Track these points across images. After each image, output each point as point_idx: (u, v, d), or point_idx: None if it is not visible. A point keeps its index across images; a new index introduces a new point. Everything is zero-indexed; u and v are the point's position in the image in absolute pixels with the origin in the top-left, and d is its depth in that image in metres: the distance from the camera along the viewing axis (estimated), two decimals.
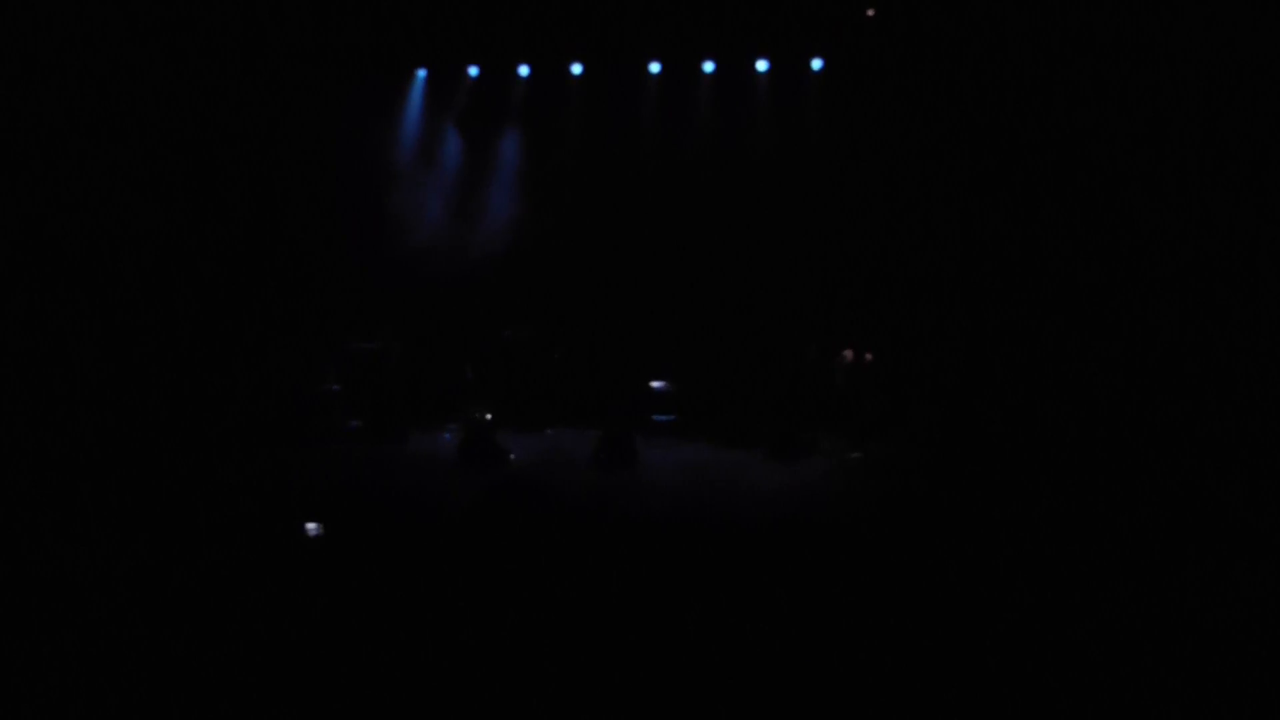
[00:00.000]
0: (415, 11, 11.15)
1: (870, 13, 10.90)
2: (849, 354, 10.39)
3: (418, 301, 12.12)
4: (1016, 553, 6.00)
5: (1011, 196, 10.74)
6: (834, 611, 4.82)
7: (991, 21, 10.31)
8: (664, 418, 10.96)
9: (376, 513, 7.08)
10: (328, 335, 11.45)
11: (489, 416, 10.28)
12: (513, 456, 9.38)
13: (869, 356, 10.19)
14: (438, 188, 12.56)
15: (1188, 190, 9.36)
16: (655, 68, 12.22)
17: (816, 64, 11.92)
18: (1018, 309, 10.55)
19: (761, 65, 12.02)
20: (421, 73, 12.59)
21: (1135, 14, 9.48)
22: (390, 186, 12.55)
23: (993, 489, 8.07)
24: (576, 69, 12.31)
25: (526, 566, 5.46)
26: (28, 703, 3.71)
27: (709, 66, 12.14)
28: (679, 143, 12.32)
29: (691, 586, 5.17)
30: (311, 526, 5.99)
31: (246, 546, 5.84)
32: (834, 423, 10.45)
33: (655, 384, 11.18)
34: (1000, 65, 10.64)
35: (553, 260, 12.36)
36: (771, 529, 6.82)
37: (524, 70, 12.43)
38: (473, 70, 12.51)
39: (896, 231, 11.57)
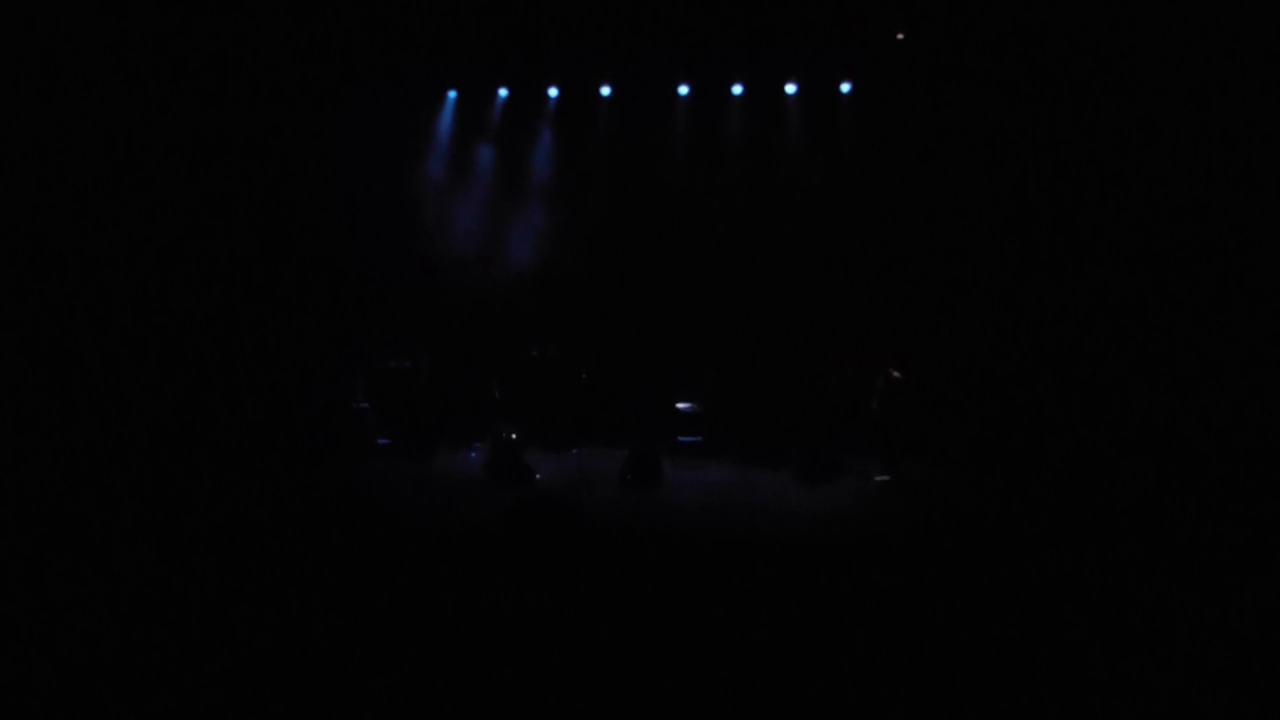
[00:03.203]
0: (448, 31, 11.40)
1: (899, 36, 11.04)
2: (878, 374, 10.42)
3: (447, 319, 12.32)
4: (1052, 579, 6.03)
5: (1043, 215, 10.77)
6: (859, 634, 4.89)
7: (1020, 43, 10.40)
8: (690, 438, 11.07)
9: (402, 529, 7.24)
10: (357, 352, 11.71)
11: (514, 435, 10.42)
12: (538, 476, 9.56)
13: (897, 375, 10.21)
14: (468, 207, 12.78)
15: (1235, 208, 9.31)
16: (684, 90, 12.45)
17: (845, 87, 12.12)
18: (1053, 327, 10.55)
19: (790, 88, 12.23)
20: (452, 94, 12.91)
21: (1170, 33, 9.51)
22: (421, 204, 12.78)
23: (1027, 512, 8.08)
24: (606, 90, 12.58)
25: (551, 584, 5.57)
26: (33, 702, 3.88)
27: (738, 89, 12.37)
28: (708, 164, 12.44)
29: (715, 606, 5.26)
30: None
31: (272, 561, 6.02)
32: (864, 443, 10.51)
33: (682, 405, 11.28)
34: (1029, 85, 10.71)
35: (581, 280, 12.52)
36: (796, 550, 6.89)
37: (554, 92, 12.70)
38: (503, 92, 12.82)
39: (926, 251, 11.65)
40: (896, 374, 10.25)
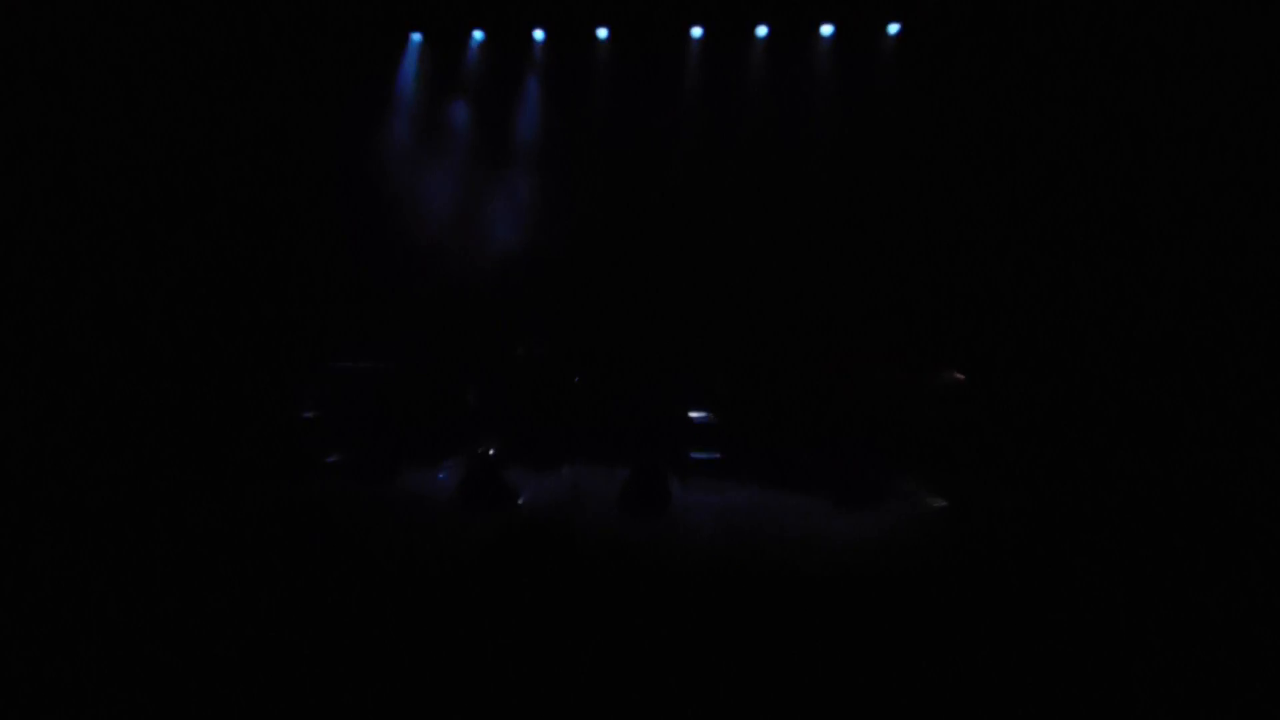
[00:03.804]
0: None
1: None
2: (935, 375, 10.38)
3: (412, 312, 12.20)
4: (1144, 619, 5.98)
5: (1132, 192, 10.63)
6: (909, 691, 4.87)
7: None
8: (704, 455, 11.03)
9: (358, 563, 7.23)
10: (304, 352, 11.63)
11: (493, 450, 10.43)
12: (522, 499, 9.48)
13: (959, 376, 10.16)
14: (437, 177, 12.71)
15: None
16: (697, 32, 12.31)
17: (893, 28, 11.92)
18: (1140, 321, 10.43)
19: (826, 29, 12.04)
20: (416, 37, 12.75)
21: None
22: (381, 173, 12.69)
23: (1115, 544, 8.02)
24: (602, 33, 12.39)
25: (538, 626, 5.56)
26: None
27: (762, 31, 12.18)
28: (725, 124, 12.18)
29: (734, 654, 5.25)
30: None
31: (201, 604, 6.01)
32: (917, 460, 10.42)
33: (694, 413, 11.26)
34: (1120, 28, 10.55)
35: (574, 265, 12.26)
36: (832, 588, 6.86)
37: (539, 35, 12.48)
38: (478, 34, 12.67)
39: (988, 232, 11.24)
40: (959, 375, 10.21)
